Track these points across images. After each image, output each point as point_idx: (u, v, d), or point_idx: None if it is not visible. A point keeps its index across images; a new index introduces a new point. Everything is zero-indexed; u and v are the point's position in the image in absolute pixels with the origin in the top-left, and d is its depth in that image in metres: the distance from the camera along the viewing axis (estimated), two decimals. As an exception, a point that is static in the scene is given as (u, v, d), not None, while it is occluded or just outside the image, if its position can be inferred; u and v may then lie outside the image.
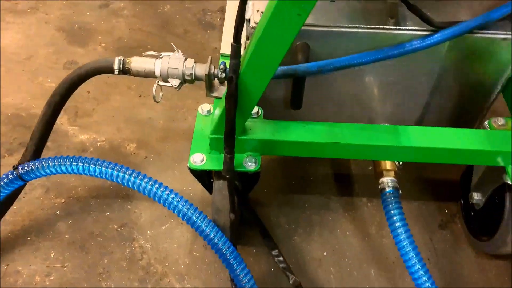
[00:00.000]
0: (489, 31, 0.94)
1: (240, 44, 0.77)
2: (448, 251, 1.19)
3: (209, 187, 1.08)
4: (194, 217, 1.06)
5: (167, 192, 1.09)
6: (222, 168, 0.93)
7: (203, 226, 1.05)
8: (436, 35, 0.90)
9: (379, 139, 0.95)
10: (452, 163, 0.96)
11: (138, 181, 1.14)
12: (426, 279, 0.99)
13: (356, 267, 1.16)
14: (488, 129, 1.02)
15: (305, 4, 0.69)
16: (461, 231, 1.22)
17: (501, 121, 1.02)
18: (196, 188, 1.27)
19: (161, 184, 1.10)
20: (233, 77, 0.79)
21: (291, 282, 1.06)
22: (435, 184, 1.31)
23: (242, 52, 0.78)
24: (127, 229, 1.22)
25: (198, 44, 1.73)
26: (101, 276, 1.13)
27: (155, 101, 0.96)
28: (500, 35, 0.94)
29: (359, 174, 1.35)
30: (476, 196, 1.12)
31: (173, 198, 1.09)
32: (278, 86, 1.06)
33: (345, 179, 1.35)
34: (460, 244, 1.20)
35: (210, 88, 0.98)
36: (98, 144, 1.41)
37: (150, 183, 1.11)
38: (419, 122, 1.12)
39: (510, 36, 0.94)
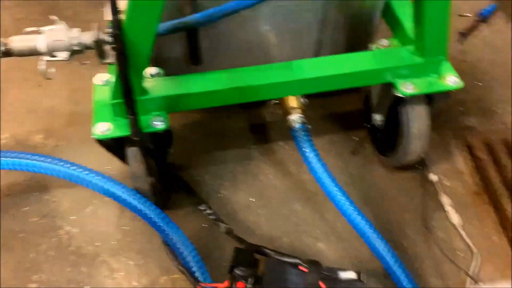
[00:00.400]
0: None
1: (116, 1, 0.76)
2: (363, 173, 1.28)
3: (123, 158, 1.06)
4: (115, 190, 1.06)
5: (85, 171, 1.08)
6: (129, 133, 0.93)
7: (126, 196, 1.05)
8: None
9: (277, 76, 0.99)
10: (346, 87, 1.03)
11: (53, 166, 1.11)
12: (346, 201, 1.07)
13: (283, 205, 1.22)
14: (375, 50, 1.09)
15: None
16: (371, 153, 1.31)
17: (385, 42, 1.10)
18: (114, 165, 1.25)
19: (77, 164, 1.08)
20: (117, 33, 0.78)
21: (223, 230, 1.09)
22: (341, 117, 1.39)
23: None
24: (49, 219, 1.18)
25: (91, 24, 1.66)
26: (30, 270, 1.09)
27: (47, 78, 0.92)
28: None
29: (273, 121, 1.40)
30: (378, 118, 1.21)
31: (92, 176, 1.08)
32: (175, 44, 1.07)
33: (261, 128, 1.39)
34: (372, 165, 1.29)
35: (102, 55, 0.95)
36: (3, 141, 1.34)
37: (67, 165, 1.08)
38: (318, 55, 1.18)
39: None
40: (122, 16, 0.79)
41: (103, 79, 1.03)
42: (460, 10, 1.64)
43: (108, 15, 1.09)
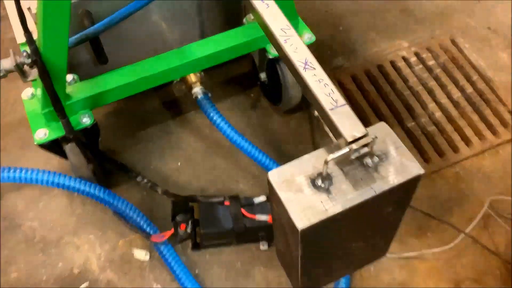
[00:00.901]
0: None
1: (30, 32, 0.95)
2: (263, 122, 1.57)
3: (63, 154, 1.27)
4: (63, 181, 1.27)
5: (30, 171, 1.27)
6: (64, 132, 1.14)
7: (74, 183, 1.27)
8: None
9: (172, 61, 1.23)
10: (229, 59, 1.29)
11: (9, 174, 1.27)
12: (252, 149, 1.36)
13: (205, 162, 1.49)
14: (246, 24, 1.36)
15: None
16: (266, 105, 1.61)
17: (251, 17, 1.37)
18: (52, 163, 1.44)
19: (20, 168, 1.27)
20: (37, 59, 0.98)
21: (160, 192, 1.35)
22: (238, 80, 1.66)
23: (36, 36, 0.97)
24: (9, 220, 1.37)
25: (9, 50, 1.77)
26: (7, 264, 1.29)
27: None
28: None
29: (181, 96, 1.64)
30: (263, 76, 1.50)
31: (42, 174, 1.27)
32: (82, 51, 1.26)
33: (173, 104, 1.63)
34: (269, 115, 1.59)
35: (23, 75, 1.14)
36: None
37: (11, 170, 1.27)
38: (203, 36, 1.42)
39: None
40: (35, 39, 0.98)
41: (29, 94, 1.21)
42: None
43: (19, 39, 1.27)
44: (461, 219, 1.40)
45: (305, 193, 0.51)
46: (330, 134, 0.51)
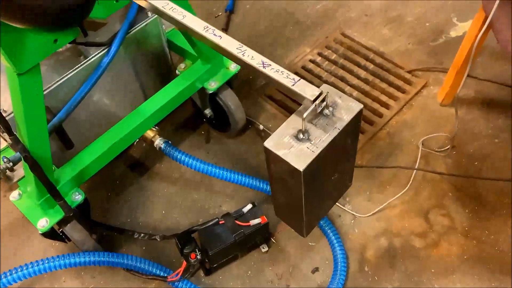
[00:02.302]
0: (136, 26, 1.46)
1: (14, 134, 1.09)
2: (221, 149, 1.78)
3: (63, 238, 1.38)
4: (75, 259, 1.36)
5: (35, 263, 1.36)
6: (63, 214, 1.26)
7: (86, 258, 1.37)
8: (112, 48, 1.37)
9: (133, 122, 1.41)
10: (176, 106, 1.50)
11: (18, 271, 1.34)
12: (223, 171, 1.54)
13: (186, 201, 1.66)
14: (180, 74, 1.58)
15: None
16: (218, 135, 1.82)
17: (182, 65, 1.59)
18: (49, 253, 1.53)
19: (32, 263, 1.36)
20: (27, 155, 1.12)
21: (159, 239, 1.49)
22: (185, 125, 1.86)
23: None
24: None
25: None
26: None
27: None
28: (142, 24, 1.47)
29: (142, 156, 1.80)
30: (207, 111, 1.71)
31: (50, 261, 1.35)
32: (50, 143, 1.40)
33: (137, 164, 1.78)
34: (224, 142, 1.80)
35: (7, 179, 1.27)
36: None
37: (28, 266, 1.34)
38: (147, 97, 1.62)
39: (149, 21, 1.49)
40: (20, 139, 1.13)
41: (16, 195, 1.32)
42: (214, 13, 2.23)
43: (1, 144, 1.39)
44: (407, 163, 1.68)
45: (294, 146, 0.72)
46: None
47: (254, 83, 1.99)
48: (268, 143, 0.74)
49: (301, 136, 0.73)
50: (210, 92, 1.55)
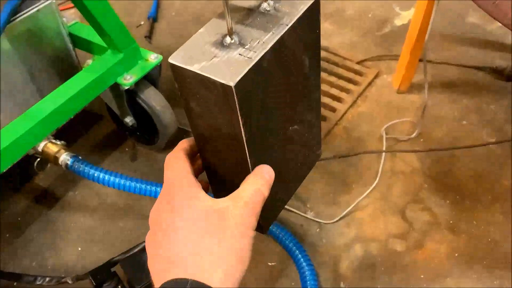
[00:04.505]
0: (26, 10, 1.16)
1: None
2: (149, 167, 1.46)
3: None
4: None
5: None
6: None
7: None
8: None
9: (18, 130, 1.07)
10: (82, 107, 1.18)
11: None
12: (153, 186, 1.22)
13: (110, 232, 1.31)
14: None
15: None
16: (146, 150, 1.50)
17: (88, 62, 1.29)
18: None
19: None
20: None
21: (71, 282, 1.12)
22: (105, 142, 1.54)
23: None
24: None
25: None
26: None
27: None
28: (32, 10, 1.17)
29: (50, 185, 1.45)
30: (129, 119, 1.40)
31: None
32: None
33: (43, 195, 1.42)
34: (153, 158, 1.48)
35: None
36: None
37: None
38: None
39: (42, 6, 1.19)
40: None
41: None
42: (136, 23, 1.96)
43: None
44: (370, 157, 1.44)
45: (220, 56, 0.44)
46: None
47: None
48: (175, 58, 0.45)
49: (228, 40, 0.45)
50: (126, 88, 1.25)
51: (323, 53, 1.80)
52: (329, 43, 1.85)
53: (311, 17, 0.49)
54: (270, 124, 0.51)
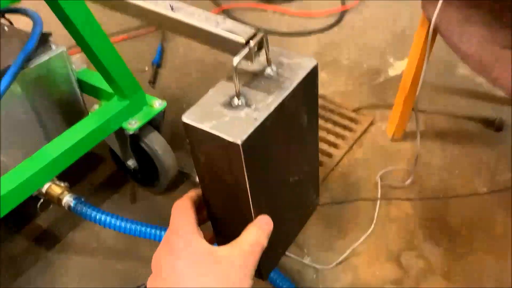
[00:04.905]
0: (38, 57, 1.22)
1: None
2: (150, 209, 1.48)
3: None
4: None
5: None
6: None
7: None
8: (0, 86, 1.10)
9: (24, 172, 1.10)
10: (87, 150, 1.22)
11: None
12: (154, 229, 1.25)
13: (112, 277, 1.32)
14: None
15: None
16: (146, 193, 1.53)
17: (95, 107, 1.34)
18: None
19: None
20: None
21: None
22: (105, 185, 1.57)
23: None
24: None
25: None
26: None
27: None
28: (44, 58, 1.24)
29: (51, 225, 1.46)
30: (131, 162, 1.44)
31: None
32: None
33: (44, 235, 1.43)
34: (153, 200, 1.51)
35: None
36: None
37: None
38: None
39: (54, 54, 1.25)
40: None
41: None
42: (141, 69, 2.04)
43: None
44: (366, 203, 1.47)
45: (228, 116, 0.49)
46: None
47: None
48: (188, 117, 0.49)
49: (236, 101, 0.50)
50: (131, 133, 1.29)
51: (320, 101, 1.87)
52: (325, 91, 1.92)
53: (310, 80, 0.55)
54: (272, 176, 0.55)
